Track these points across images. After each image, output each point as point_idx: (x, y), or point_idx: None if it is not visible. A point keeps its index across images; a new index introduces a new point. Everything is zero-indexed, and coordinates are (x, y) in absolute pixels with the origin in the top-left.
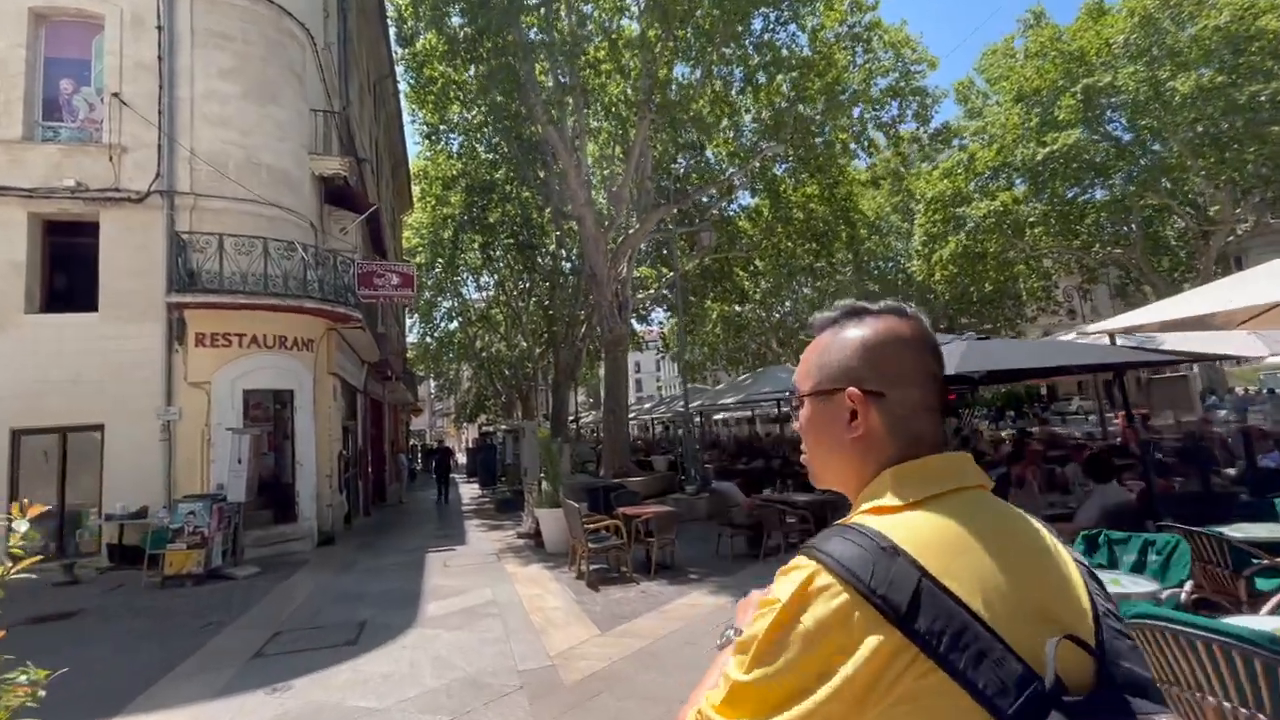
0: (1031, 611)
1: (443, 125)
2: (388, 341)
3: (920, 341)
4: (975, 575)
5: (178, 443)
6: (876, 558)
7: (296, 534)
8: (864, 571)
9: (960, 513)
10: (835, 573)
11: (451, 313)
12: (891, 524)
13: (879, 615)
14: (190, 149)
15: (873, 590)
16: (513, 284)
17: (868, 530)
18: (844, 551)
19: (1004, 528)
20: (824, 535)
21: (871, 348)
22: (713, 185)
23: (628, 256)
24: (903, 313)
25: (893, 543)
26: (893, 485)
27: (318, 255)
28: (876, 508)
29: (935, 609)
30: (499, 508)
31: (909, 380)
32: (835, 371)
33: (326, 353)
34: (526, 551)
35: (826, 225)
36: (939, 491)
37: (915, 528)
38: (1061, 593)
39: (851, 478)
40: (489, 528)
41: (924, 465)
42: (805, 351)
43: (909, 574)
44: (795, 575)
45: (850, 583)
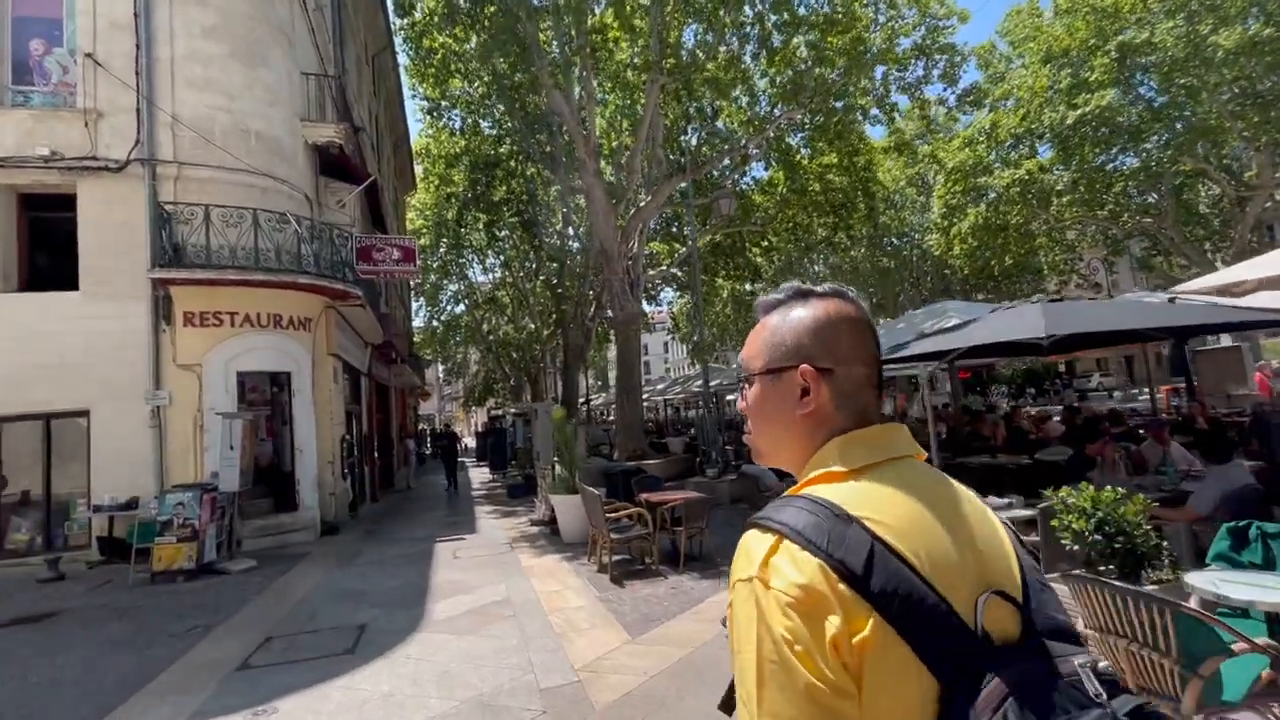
0: (968, 571)
1: (444, 100)
2: (392, 322)
3: (863, 323)
4: (920, 538)
5: (169, 429)
6: (831, 524)
7: (297, 524)
8: (820, 537)
9: (903, 479)
10: (795, 540)
11: (458, 295)
12: (840, 492)
13: (838, 576)
14: (172, 114)
15: (830, 554)
16: (519, 265)
17: (819, 499)
18: (799, 520)
19: (941, 493)
20: (774, 507)
21: (822, 327)
22: (727, 155)
23: (639, 231)
24: (845, 295)
25: (845, 510)
26: (839, 454)
27: (313, 228)
28: (825, 474)
29: (887, 571)
30: (510, 493)
31: (855, 358)
32: (788, 350)
33: (325, 332)
34: (541, 540)
35: (845, 196)
36: (882, 459)
37: (863, 494)
38: (993, 553)
39: (799, 452)
40: (500, 514)
41: (867, 435)
42: (752, 333)
43: (862, 538)
44: (757, 549)
45: (809, 548)
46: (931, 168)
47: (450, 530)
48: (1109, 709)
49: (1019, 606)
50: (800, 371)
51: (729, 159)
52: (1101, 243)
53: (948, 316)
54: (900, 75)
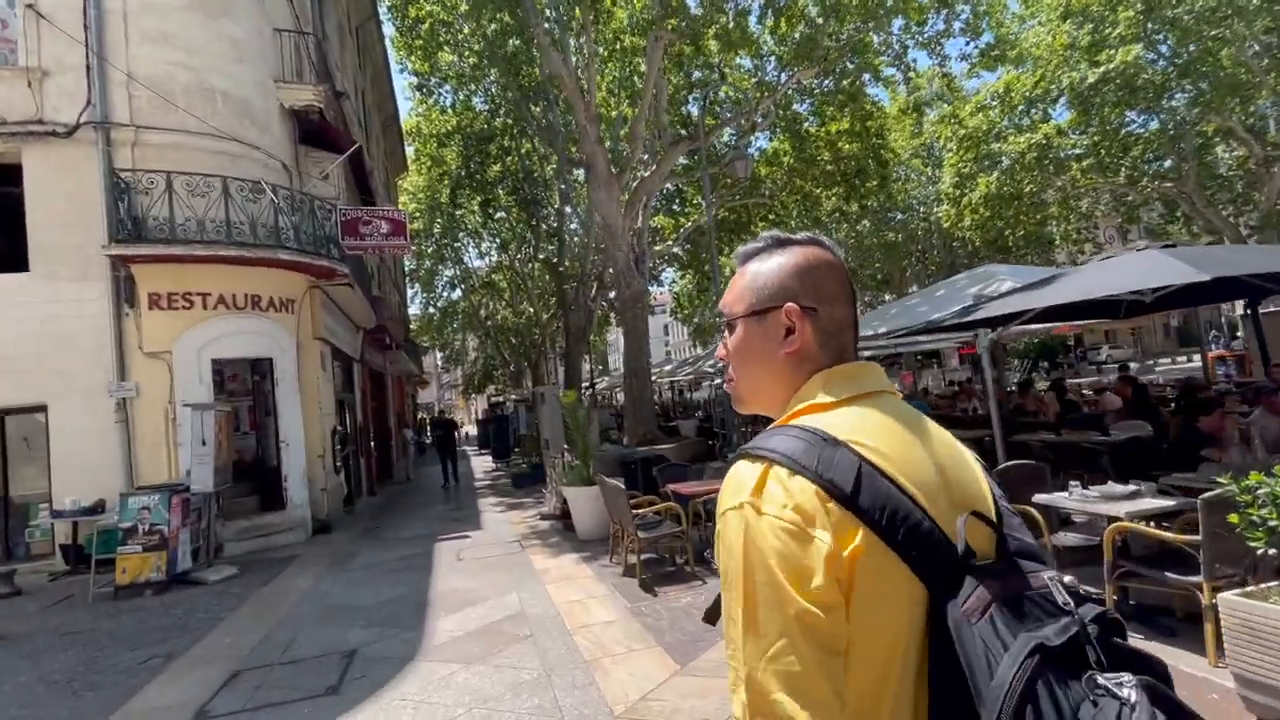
0: (948, 493)
1: (433, 75)
2: (385, 306)
3: (841, 268)
4: (905, 461)
5: (137, 424)
6: (820, 448)
7: (285, 523)
8: (810, 460)
9: (885, 409)
10: (786, 465)
11: (454, 281)
12: (827, 419)
13: (829, 496)
14: (126, 71)
15: (820, 474)
16: (516, 246)
17: (808, 426)
18: (788, 446)
19: (919, 425)
20: (763, 436)
21: (805, 270)
22: (735, 120)
23: (643, 204)
24: (822, 243)
25: (833, 435)
26: (823, 386)
27: (292, 199)
28: (811, 406)
29: (874, 489)
30: (515, 483)
31: (837, 299)
32: (773, 291)
33: (310, 315)
34: (554, 537)
35: (857, 163)
36: (865, 391)
37: (850, 421)
38: (968, 478)
39: (780, 392)
40: (506, 507)
41: (847, 370)
42: (732, 281)
43: (850, 460)
44: (747, 477)
45: (799, 470)
46: (942, 135)
47: (453, 526)
48: (1077, 615)
49: (993, 527)
50: (785, 310)
51: (737, 124)
52: (1117, 210)
53: (996, 280)
54: (919, 30)
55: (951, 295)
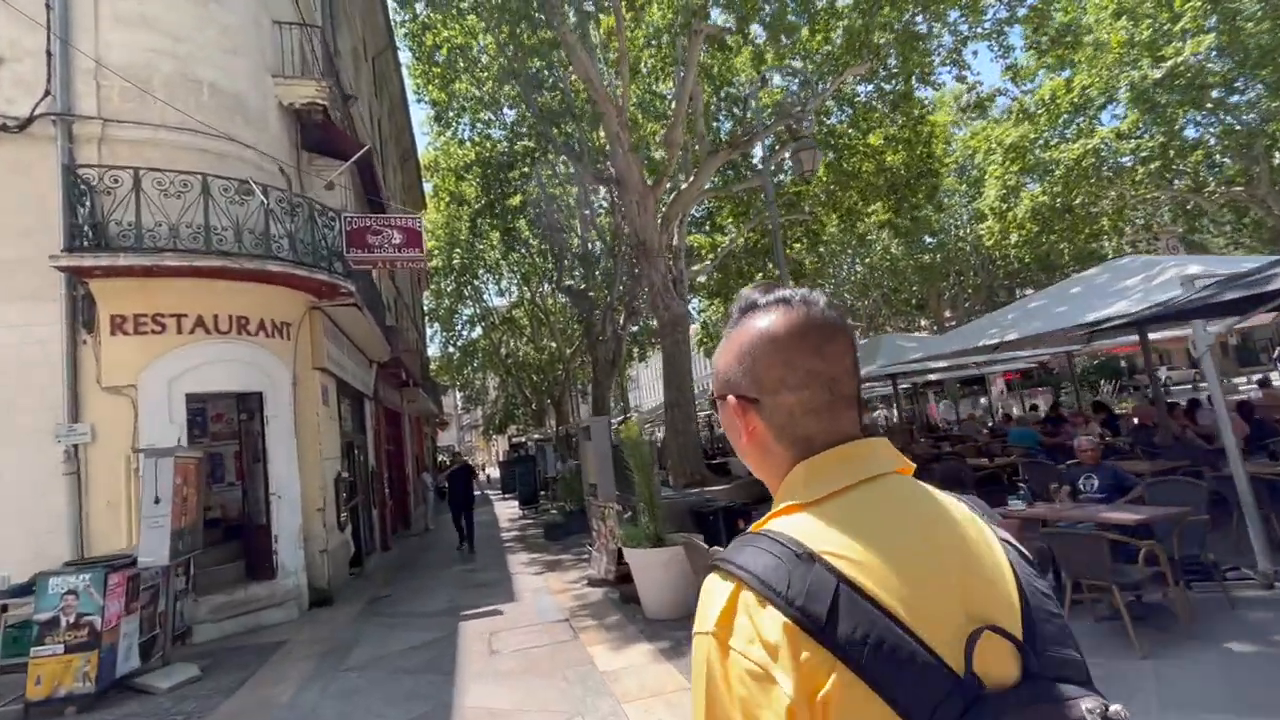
0: (954, 605)
1: (452, 104)
2: (400, 337)
3: (798, 337)
4: (893, 573)
5: (91, 477)
6: (792, 566)
7: (275, 596)
8: (780, 582)
9: (875, 504)
10: (754, 588)
11: (473, 319)
12: (802, 525)
13: (798, 629)
14: (95, 57)
15: (790, 602)
16: (537, 279)
17: (780, 536)
18: (757, 563)
19: (923, 514)
20: (735, 546)
21: (745, 353)
22: (781, 121)
23: (679, 220)
24: (787, 302)
25: (806, 547)
26: (805, 480)
27: (288, 202)
28: (788, 507)
29: (854, 616)
30: (548, 534)
31: (783, 385)
32: (721, 377)
33: (310, 341)
34: (612, 614)
35: (908, 171)
36: (850, 482)
37: (827, 527)
38: (986, 581)
39: (764, 476)
40: (542, 567)
41: (831, 458)
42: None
43: (825, 580)
44: (716, 598)
45: (768, 596)
46: (980, 147)
47: (480, 596)
48: None
49: (1015, 643)
50: (728, 403)
51: (788, 123)
52: (1179, 219)
53: (1164, 267)
54: (980, 22)
55: (1096, 290)
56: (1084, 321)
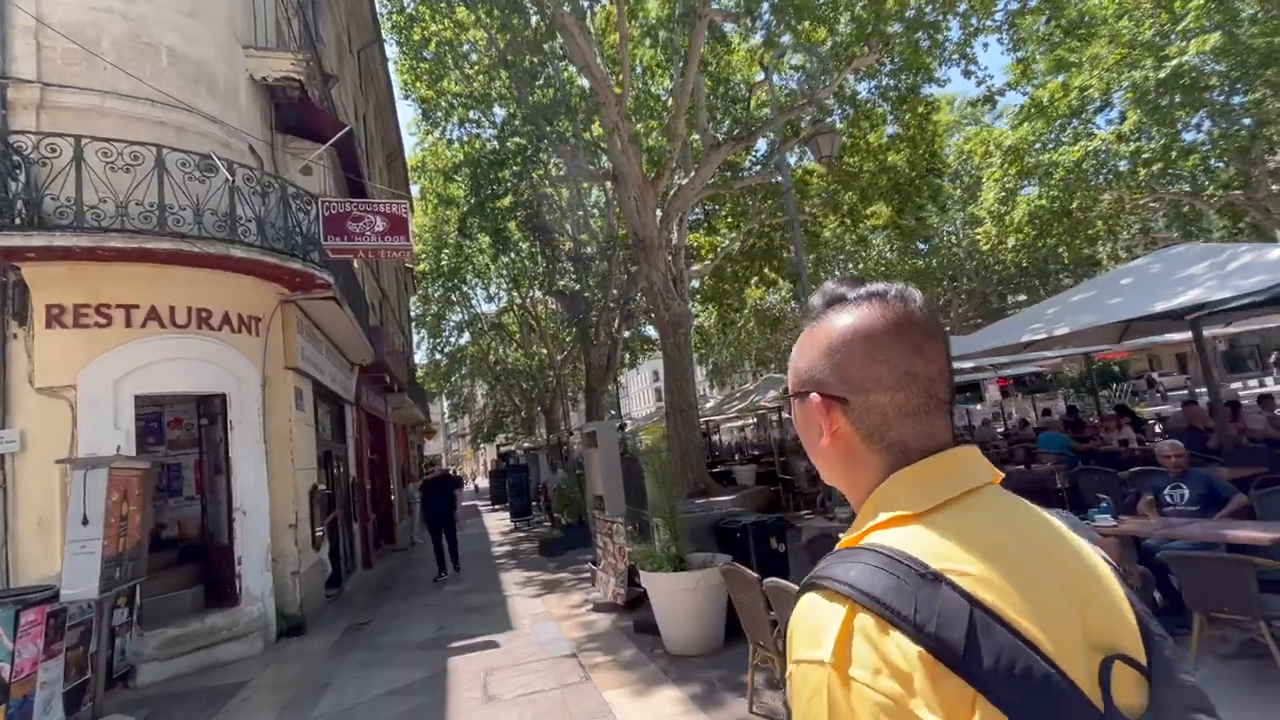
0: (1078, 630)
1: (440, 102)
2: (385, 339)
3: (896, 334)
4: (1021, 595)
5: (20, 491)
6: (917, 587)
7: (238, 626)
8: (906, 606)
9: (988, 516)
10: (875, 612)
11: (462, 325)
12: (917, 541)
13: (934, 658)
14: (35, 14)
15: (920, 628)
16: (528, 285)
17: (895, 553)
18: (874, 583)
19: (1033, 531)
20: (838, 563)
21: (834, 348)
22: (786, 115)
23: (679, 218)
24: (881, 297)
25: (928, 566)
26: (905, 492)
27: (258, 183)
28: (893, 520)
29: (993, 644)
30: (544, 550)
31: (878, 384)
32: (803, 374)
33: (283, 338)
34: (627, 647)
35: (913, 169)
36: (956, 493)
37: (946, 542)
38: (1107, 605)
39: (851, 488)
40: (540, 587)
41: (934, 466)
42: (796, 343)
43: (957, 605)
44: (825, 622)
45: (894, 621)
46: (977, 151)
47: (472, 623)
48: None
49: (1144, 673)
50: (811, 401)
51: (790, 115)
52: (1175, 224)
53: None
54: (990, 14)
55: (1153, 280)
56: (1154, 311)
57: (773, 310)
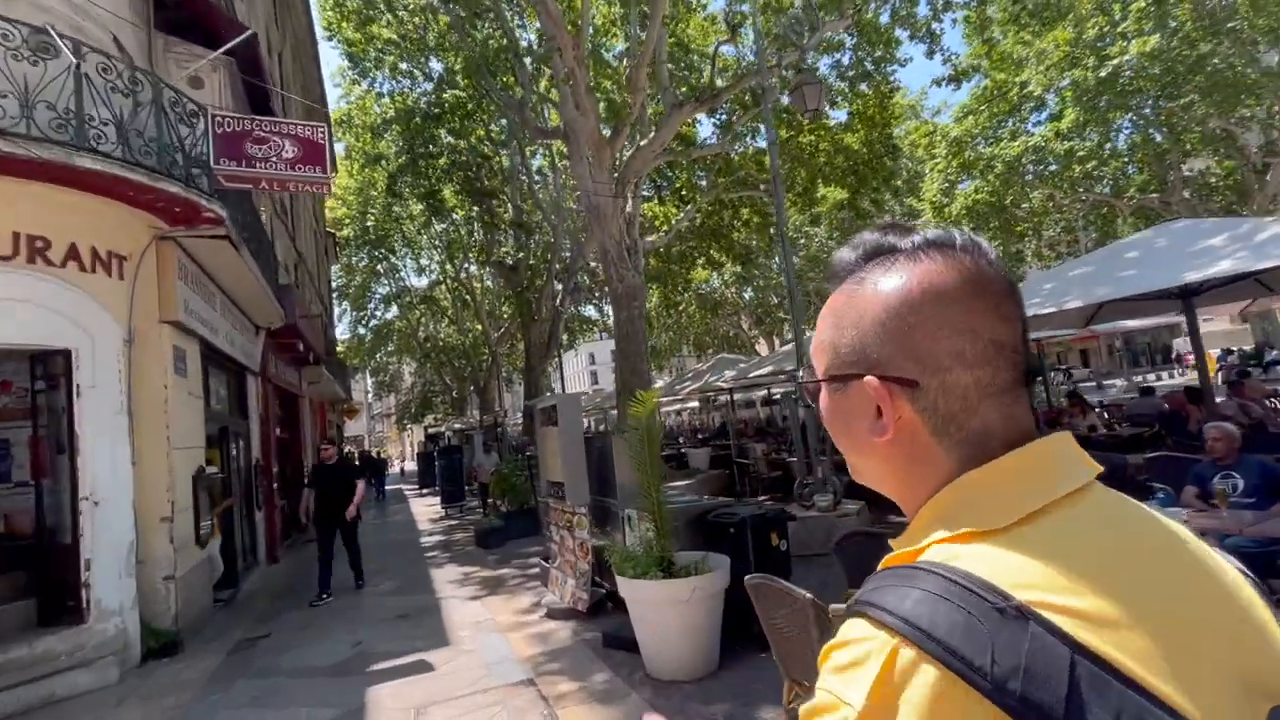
0: (1226, 674)
1: (369, 48)
2: (297, 299)
3: (975, 293)
4: (1145, 635)
5: None
6: (994, 627)
7: (82, 652)
8: (978, 652)
9: (1093, 532)
10: (936, 657)
11: (389, 298)
12: (996, 563)
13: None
14: None
15: (1000, 684)
16: (463, 256)
17: (963, 576)
18: (936, 617)
19: (1159, 544)
20: (891, 585)
21: (896, 316)
22: (753, 76)
23: (634, 184)
24: (946, 247)
25: (1014, 600)
26: (982, 498)
27: (120, 76)
28: (964, 535)
29: (1108, 707)
30: (481, 540)
31: (959, 359)
32: (849, 351)
33: (158, 283)
34: (598, 667)
35: (870, 152)
36: (1048, 501)
37: (1033, 565)
38: (1259, 637)
39: (893, 486)
40: (480, 586)
41: (1021, 463)
42: (822, 312)
43: (1054, 652)
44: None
45: (962, 673)
46: (921, 143)
47: (398, 636)
48: None
49: None
50: (866, 385)
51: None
52: (1093, 224)
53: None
54: None
55: (1164, 254)
56: (1186, 281)
57: (714, 294)
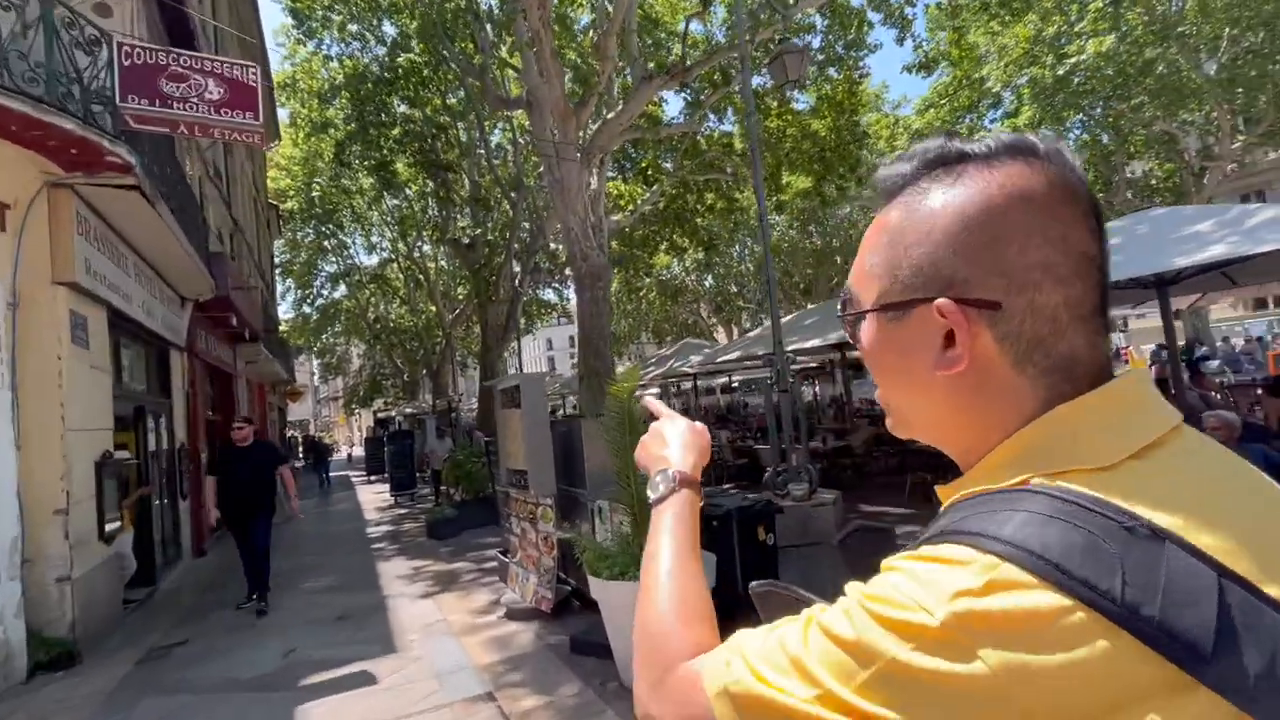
0: None
1: (317, 6)
2: (229, 267)
3: (1064, 198)
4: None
5: None
6: (1124, 548)
7: None
8: (1104, 573)
9: (1209, 467)
10: (1048, 579)
11: (336, 276)
12: (1117, 492)
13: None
14: None
15: (1134, 608)
16: (417, 234)
17: (1081, 497)
18: (1049, 538)
19: (1260, 480)
20: (981, 510)
21: (979, 226)
22: (725, 52)
23: (600, 160)
24: (1029, 152)
25: (1145, 520)
26: (1082, 432)
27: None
28: (1068, 473)
29: (1257, 635)
30: (433, 531)
31: (1050, 274)
32: (913, 272)
33: (49, 238)
34: (566, 679)
35: (838, 138)
36: (1158, 435)
37: (1167, 495)
38: None
39: (952, 431)
40: (431, 582)
41: (1121, 395)
42: (867, 233)
43: (1199, 576)
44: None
45: (1085, 597)
46: (882, 134)
47: (338, 640)
48: None
49: None
50: (936, 309)
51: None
52: None
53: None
54: None
55: (1145, 240)
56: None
57: (675, 281)
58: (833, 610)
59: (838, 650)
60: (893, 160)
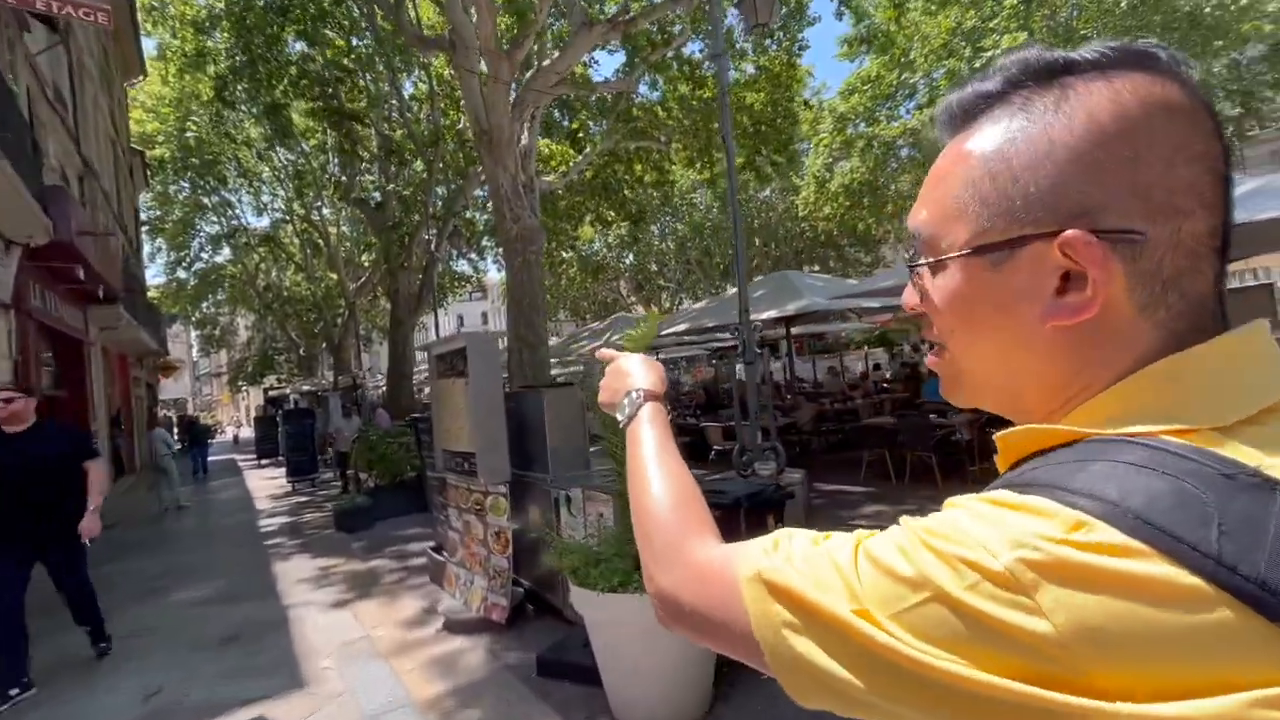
0: None
1: None
2: (71, 205)
3: (1203, 112)
4: None
5: None
6: (1222, 497)
7: None
8: (1196, 525)
9: None
10: (1128, 530)
11: (219, 237)
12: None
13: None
14: None
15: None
16: (315, 192)
17: (1179, 446)
18: (1131, 486)
19: None
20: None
21: (1115, 138)
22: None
23: (532, 114)
24: (1151, 59)
25: (1251, 469)
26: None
27: None
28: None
29: None
30: (341, 523)
31: (1200, 197)
32: (1024, 203)
33: None
34: (532, 708)
35: (774, 111)
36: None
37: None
38: None
39: (1039, 393)
40: (345, 586)
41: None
42: (940, 165)
43: None
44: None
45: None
46: (808, 118)
47: (224, 671)
48: None
49: None
50: (1062, 246)
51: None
52: None
53: None
54: None
55: None
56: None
57: (596, 257)
58: (882, 536)
59: (883, 575)
60: (971, 79)
